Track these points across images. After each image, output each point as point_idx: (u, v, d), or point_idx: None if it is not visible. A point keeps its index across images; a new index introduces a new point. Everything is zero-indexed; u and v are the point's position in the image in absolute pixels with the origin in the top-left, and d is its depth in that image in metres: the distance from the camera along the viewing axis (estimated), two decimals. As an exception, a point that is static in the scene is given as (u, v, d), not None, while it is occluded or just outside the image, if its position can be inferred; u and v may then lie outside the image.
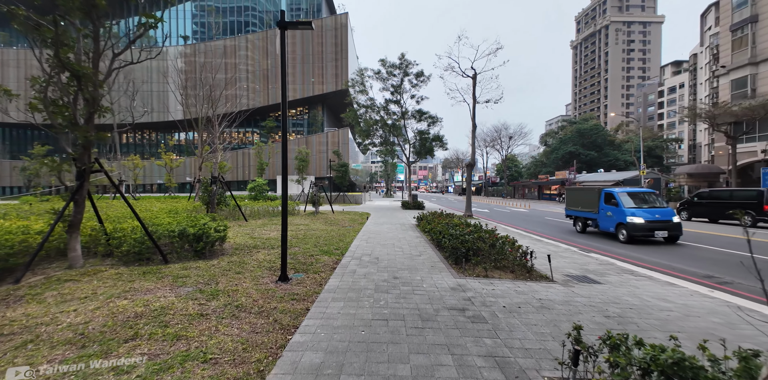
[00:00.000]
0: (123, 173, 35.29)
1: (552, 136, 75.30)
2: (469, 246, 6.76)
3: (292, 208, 16.25)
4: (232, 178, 50.81)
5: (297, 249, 8.13)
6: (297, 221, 13.77)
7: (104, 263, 6.08)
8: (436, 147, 25.17)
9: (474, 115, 18.96)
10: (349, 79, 25.98)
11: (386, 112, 25.11)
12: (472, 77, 18.90)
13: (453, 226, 8.75)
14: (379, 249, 8.33)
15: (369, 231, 11.91)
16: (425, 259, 7.30)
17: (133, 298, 4.39)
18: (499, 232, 7.87)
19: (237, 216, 13.18)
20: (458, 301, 4.64)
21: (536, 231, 13.54)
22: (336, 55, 50.98)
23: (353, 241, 9.50)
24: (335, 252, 7.83)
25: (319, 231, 11.27)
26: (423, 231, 11.84)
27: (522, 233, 12.62)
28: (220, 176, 11.82)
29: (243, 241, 8.78)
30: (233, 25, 55.64)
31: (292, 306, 4.33)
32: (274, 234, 10.12)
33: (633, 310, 4.60)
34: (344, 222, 14.19)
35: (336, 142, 49.31)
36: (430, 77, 23.85)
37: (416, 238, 10.28)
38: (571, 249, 9.59)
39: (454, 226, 8.72)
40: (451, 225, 8.91)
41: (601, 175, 38.48)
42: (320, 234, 10.58)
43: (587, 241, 11.30)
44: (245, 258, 6.92)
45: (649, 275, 6.78)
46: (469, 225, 8.94)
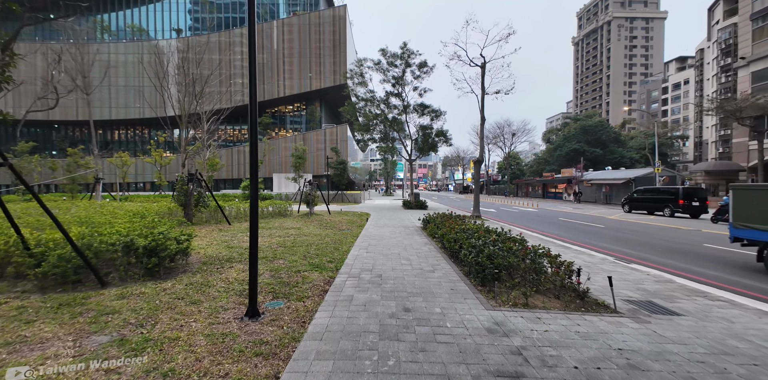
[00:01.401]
0: (105, 171, 33.67)
1: (555, 133, 73.90)
2: (498, 262, 5.24)
3: (284, 209, 14.71)
4: (227, 176, 49.22)
5: (282, 262, 6.61)
6: (288, 224, 12.24)
7: (13, 289, 4.54)
8: (439, 142, 23.65)
9: (483, 107, 17.42)
10: (347, 70, 24.38)
11: (387, 106, 23.55)
12: (481, 66, 17.34)
13: (470, 233, 7.24)
14: (381, 262, 6.82)
15: (369, 236, 10.40)
16: (441, 277, 5.78)
17: (6, 361, 2.87)
18: (527, 240, 6.39)
19: (219, 219, 11.65)
20: (504, 357, 3.12)
21: (556, 235, 12.04)
22: (334, 49, 49.30)
23: (351, 250, 7.98)
24: (328, 267, 6.31)
25: (312, 236, 9.74)
26: (431, 236, 10.34)
27: (542, 237, 11.12)
28: (198, 173, 10.26)
29: (216, 252, 7.24)
30: (228, 21, 53.90)
31: (253, 370, 2.82)
32: (258, 240, 8.62)
33: (760, 368, 3.10)
34: (341, 225, 12.68)
35: (334, 140, 47.69)
36: (434, 68, 22.29)
37: (424, 246, 8.76)
38: (608, 258, 8.11)
39: (471, 233, 7.21)
40: (468, 232, 7.40)
41: (609, 172, 37.01)
42: (312, 240, 9.05)
43: (618, 247, 9.81)
44: (211, 278, 5.39)
45: (727, 299, 5.28)
46: (491, 232, 7.44)
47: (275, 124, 55.27)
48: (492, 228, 8.10)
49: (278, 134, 54.78)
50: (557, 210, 23.97)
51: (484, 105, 17.49)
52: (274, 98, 50.16)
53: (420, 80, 23.00)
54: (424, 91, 23.12)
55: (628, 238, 11.69)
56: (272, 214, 13.96)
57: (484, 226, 8.51)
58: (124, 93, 50.01)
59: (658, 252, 9.31)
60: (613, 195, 32.79)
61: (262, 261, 6.60)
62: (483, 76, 17.34)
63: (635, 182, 29.80)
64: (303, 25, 50.00)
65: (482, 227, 8.29)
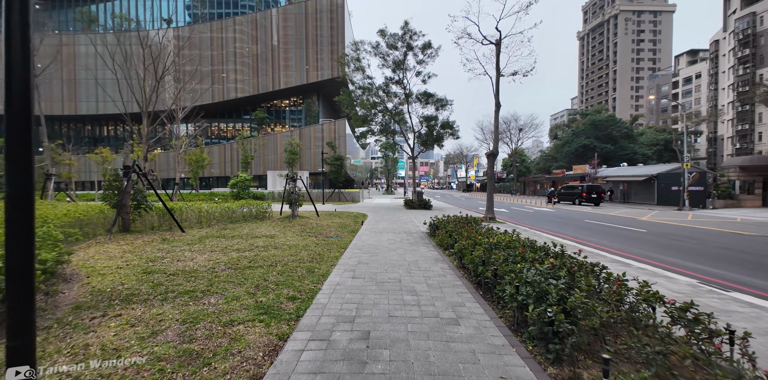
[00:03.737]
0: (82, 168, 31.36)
1: (561, 128, 71.31)
2: (581, 320, 2.79)
3: (261, 210, 12.26)
4: (219, 173, 46.85)
5: (214, 300, 4.18)
6: (261, 230, 9.79)
7: None
8: (445, 135, 21.17)
9: (497, 91, 14.91)
10: (343, 54, 21.86)
11: (386, 94, 21.06)
12: (496, 43, 14.82)
13: (505, 251, 4.80)
14: (373, 300, 4.38)
15: (362, 247, 7.97)
16: (472, 338, 3.33)
17: None
18: (602, 266, 3.96)
19: (172, 225, 9.21)
20: None
21: (595, 242, 9.58)
22: (332, 38, 46.78)
23: (331, 273, 5.55)
24: (284, 312, 3.86)
25: (284, 249, 7.31)
26: (441, 247, 7.92)
27: (579, 245, 8.67)
28: (135, 165, 7.77)
29: (117, 282, 4.78)
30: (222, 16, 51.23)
31: None
32: (202, 258, 6.20)
33: None
34: (329, 231, 10.25)
35: (333, 136, 45.17)
36: (440, 50, 19.79)
37: (435, 264, 6.33)
38: (694, 283, 5.68)
39: (507, 252, 4.76)
40: (501, 249, 4.97)
41: (627, 169, 34.41)
42: (281, 256, 6.61)
43: (690, 262, 7.34)
44: (63, 344, 2.99)
45: None
46: (536, 248, 5.00)
47: (270, 119, 52.80)
48: (528, 239, 5.67)
49: (274, 130, 52.32)
50: (576, 211, 21.49)
51: (500, 89, 15.00)
52: (268, 92, 47.67)
53: (424, 65, 20.51)
54: (428, 76, 20.60)
55: (687, 247, 9.22)
56: (246, 217, 11.50)
57: (518, 236, 6.09)
58: (95, 86, 47.49)
59: (746, 269, 6.84)
60: (632, 194, 30.27)
61: (182, 298, 4.19)
62: (498, 55, 14.83)
63: (658, 179, 27.28)
64: (299, 15, 47.47)
65: (517, 239, 5.85)
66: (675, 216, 18.41)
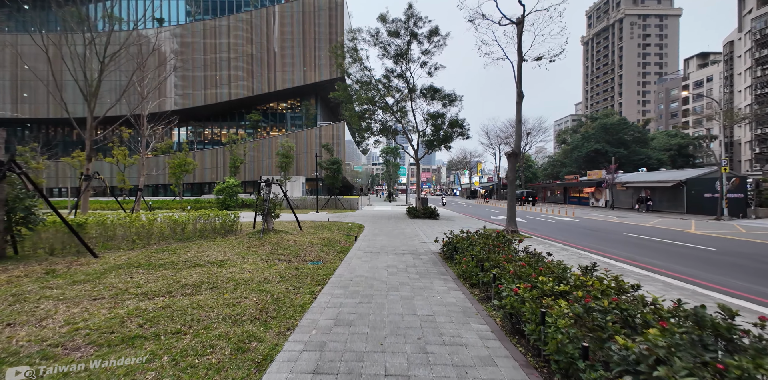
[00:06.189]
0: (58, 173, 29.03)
1: (569, 133, 68.90)
2: None
3: (228, 223, 9.63)
4: (210, 179, 44.41)
5: None
6: (214, 252, 7.18)
7: None
8: (454, 134, 18.64)
9: (519, 78, 12.41)
10: (340, 44, 19.45)
11: (387, 88, 18.61)
12: (518, 22, 12.36)
13: (596, 308, 2.23)
14: None
15: (348, 282, 5.37)
16: None
17: None
18: None
19: (79, 247, 6.53)
20: None
21: (661, 267, 6.94)
22: (330, 37, 44.68)
23: (274, 359, 2.97)
24: None
25: (224, 290, 4.70)
26: (462, 279, 5.33)
27: (647, 274, 6.03)
28: (11, 163, 5.22)
29: None
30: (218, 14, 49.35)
31: None
32: (64, 316, 3.64)
33: None
34: (309, 252, 7.64)
35: (331, 140, 42.74)
36: (448, 37, 17.40)
37: (467, 323, 3.72)
38: None
39: (603, 314, 2.18)
40: (593, 308, 2.41)
41: (649, 174, 31.70)
42: (209, 309, 4.00)
43: None
44: None
45: None
46: (623, 291, 2.42)
47: (266, 122, 50.51)
48: (595, 270, 3.08)
49: (270, 133, 49.96)
50: (603, 220, 18.81)
51: (522, 76, 12.50)
52: (264, 93, 45.40)
53: (430, 55, 18.07)
54: (435, 68, 18.14)
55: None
56: (203, 232, 8.87)
57: (592, 270, 3.50)
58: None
59: None
60: (656, 201, 27.56)
61: None
62: (520, 36, 12.36)
63: (687, 185, 24.62)
64: (296, 13, 45.52)
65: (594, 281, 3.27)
66: (722, 227, 15.74)
